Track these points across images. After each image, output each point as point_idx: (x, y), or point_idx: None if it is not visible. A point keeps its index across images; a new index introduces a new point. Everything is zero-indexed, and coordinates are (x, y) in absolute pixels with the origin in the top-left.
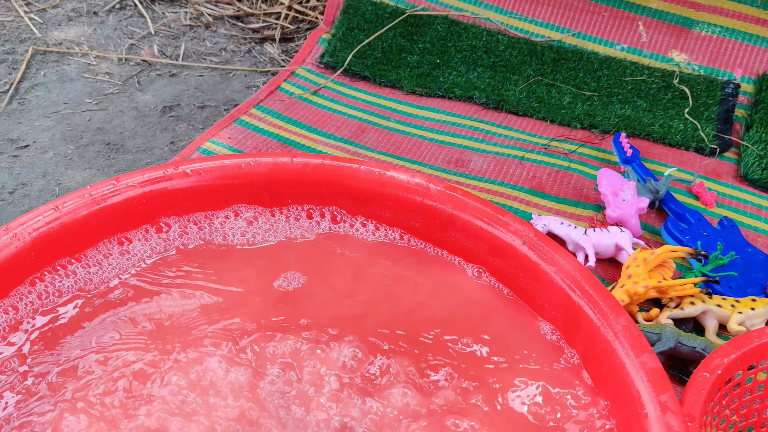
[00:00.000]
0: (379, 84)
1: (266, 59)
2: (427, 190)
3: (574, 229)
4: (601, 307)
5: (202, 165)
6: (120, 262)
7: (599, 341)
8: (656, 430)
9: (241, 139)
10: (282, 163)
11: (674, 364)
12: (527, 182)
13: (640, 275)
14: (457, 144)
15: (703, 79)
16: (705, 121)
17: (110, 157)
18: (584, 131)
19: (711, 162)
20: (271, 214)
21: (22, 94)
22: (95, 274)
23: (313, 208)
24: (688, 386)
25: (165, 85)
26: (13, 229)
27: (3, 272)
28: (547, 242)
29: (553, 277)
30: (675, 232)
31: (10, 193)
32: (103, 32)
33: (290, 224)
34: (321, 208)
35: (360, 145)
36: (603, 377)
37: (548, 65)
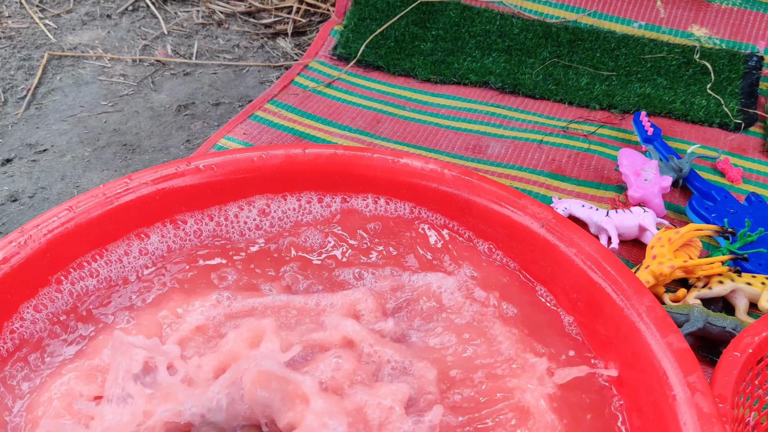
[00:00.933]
0: (393, 73)
1: (279, 54)
2: (442, 176)
3: (595, 211)
4: (624, 288)
5: (214, 160)
6: (138, 259)
7: (623, 323)
8: (685, 411)
9: (256, 135)
10: (294, 155)
11: (704, 345)
12: (547, 166)
13: (665, 255)
14: (474, 130)
15: (725, 53)
16: (728, 96)
17: (127, 158)
18: (603, 112)
19: (736, 137)
20: (284, 201)
21: (39, 99)
22: (114, 272)
23: (322, 196)
24: (718, 366)
25: (179, 84)
26: (28, 231)
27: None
28: (566, 224)
29: (574, 260)
30: (700, 210)
31: (30, 197)
32: (116, 34)
33: (303, 213)
34: (333, 196)
35: (376, 136)
36: (628, 359)
37: (564, 47)
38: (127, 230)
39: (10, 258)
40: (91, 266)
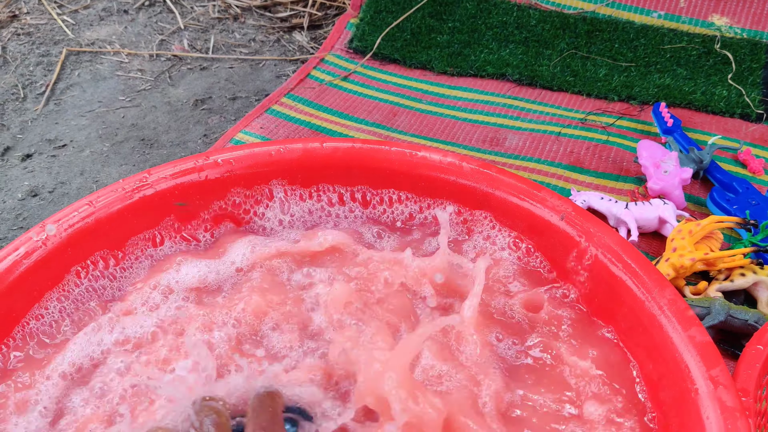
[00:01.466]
0: (410, 66)
1: (295, 47)
2: (461, 169)
3: (614, 203)
4: (645, 281)
5: (233, 154)
6: (159, 252)
7: (644, 316)
8: (708, 405)
9: (273, 129)
10: (312, 149)
11: (726, 339)
12: (565, 158)
13: (685, 248)
14: (492, 122)
15: (747, 43)
16: (750, 86)
17: (145, 153)
18: (622, 103)
19: (758, 128)
20: (301, 199)
21: (58, 95)
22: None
23: (344, 190)
24: (741, 360)
25: (196, 78)
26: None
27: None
28: (585, 217)
29: (594, 252)
30: (721, 202)
31: (50, 192)
32: (133, 30)
33: (324, 208)
34: (352, 190)
35: (392, 129)
36: (649, 353)
37: (582, 38)
38: (146, 225)
39: (32, 253)
40: (110, 260)
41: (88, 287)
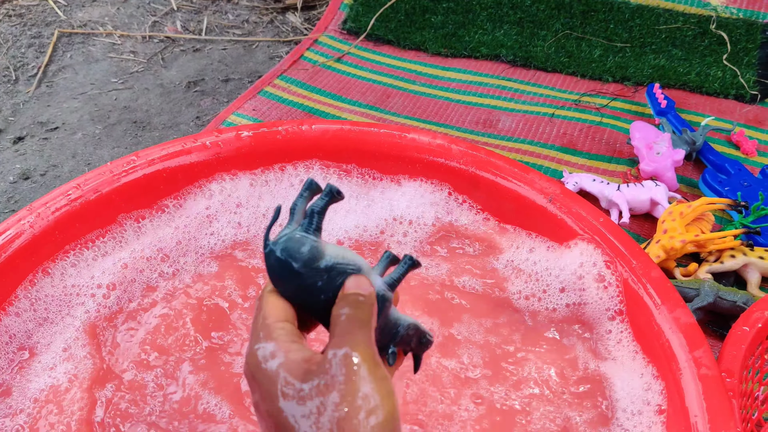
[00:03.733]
0: (404, 47)
1: (289, 29)
2: (449, 150)
3: (606, 185)
4: (631, 262)
5: (221, 137)
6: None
7: (630, 297)
8: (691, 386)
9: (266, 111)
10: (302, 131)
11: (714, 320)
12: (558, 140)
13: (676, 229)
14: (485, 104)
15: (743, 23)
16: (745, 67)
17: (137, 135)
18: (616, 84)
19: (752, 109)
20: (289, 179)
21: (50, 77)
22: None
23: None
24: (726, 341)
25: (189, 60)
26: (36, 208)
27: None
28: (573, 199)
29: (581, 234)
30: (713, 184)
31: (42, 175)
32: (126, 11)
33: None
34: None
35: (386, 111)
36: (635, 333)
37: (577, 18)
38: (133, 207)
39: (20, 235)
40: (97, 243)
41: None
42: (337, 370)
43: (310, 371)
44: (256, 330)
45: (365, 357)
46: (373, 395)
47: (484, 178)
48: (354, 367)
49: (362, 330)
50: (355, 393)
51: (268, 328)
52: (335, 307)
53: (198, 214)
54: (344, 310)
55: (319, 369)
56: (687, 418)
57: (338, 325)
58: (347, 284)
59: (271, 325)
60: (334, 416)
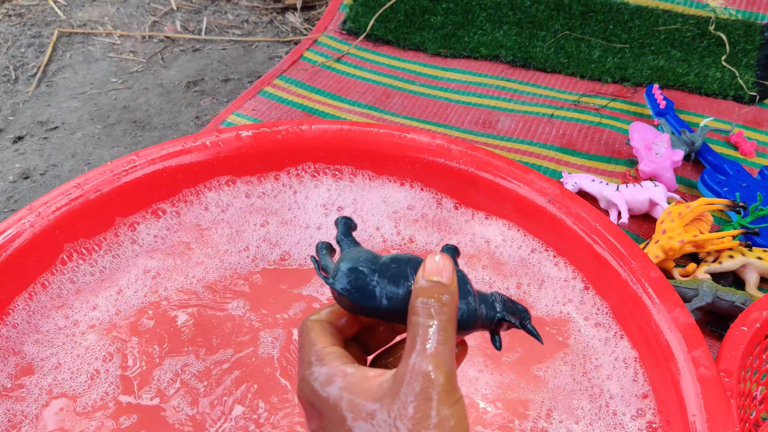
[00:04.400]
0: (403, 47)
1: (288, 29)
2: (449, 151)
3: (605, 185)
4: (630, 263)
5: (220, 137)
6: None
7: (629, 297)
8: (689, 385)
9: (265, 111)
10: (301, 131)
11: (713, 320)
12: (557, 140)
13: (675, 230)
14: (484, 105)
15: (741, 24)
16: (744, 68)
17: (137, 135)
18: (615, 85)
19: (750, 110)
20: (288, 180)
21: (50, 77)
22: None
23: (329, 169)
24: (724, 341)
25: (188, 60)
26: (36, 208)
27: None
28: (572, 199)
29: (580, 234)
30: (712, 185)
31: (41, 175)
32: (126, 11)
33: (312, 188)
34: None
35: (385, 111)
36: (633, 332)
37: (576, 19)
38: (135, 207)
39: (21, 234)
40: (98, 242)
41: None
42: (414, 388)
43: (381, 388)
44: (305, 357)
45: (447, 376)
46: (448, 419)
47: (483, 178)
48: (433, 389)
49: (446, 344)
50: (430, 416)
51: (319, 354)
52: (411, 305)
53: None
54: (422, 316)
55: (392, 387)
56: (685, 417)
57: (418, 335)
58: (427, 265)
59: (321, 350)
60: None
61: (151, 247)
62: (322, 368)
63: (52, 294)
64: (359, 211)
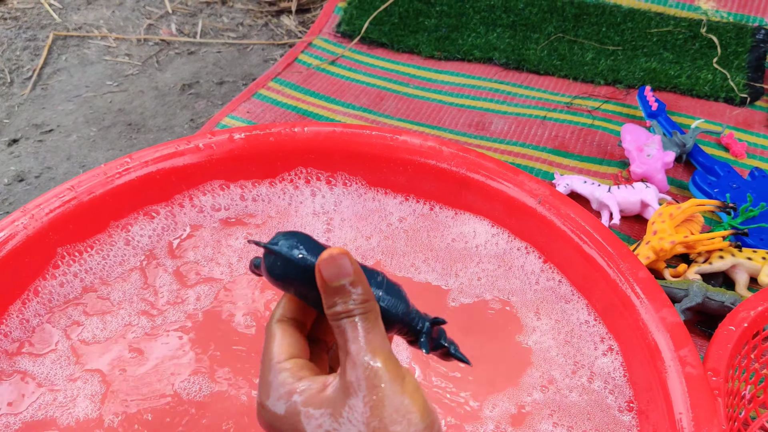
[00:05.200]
0: (397, 50)
1: (283, 32)
2: (440, 153)
3: (597, 187)
4: (619, 263)
5: (213, 139)
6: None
7: (617, 296)
8: (676, 384)
9: (260, 113)
10: (294, 133)
11: (704, 320)
12: (550, 142)
13: (666, 231)
14: (478, 107)
15: (733, 27)
16: (735, 70)
17: (132, 138)
18: (608, 87)
19: (741, 112)
20: (281, 183)
21: (45, 80)
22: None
23: (321, 174)
24: (712, 340)
25: (184, 63)
26: (30, 210)
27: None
28: (562, 200)
29: (569, 235)
30: (703, 186)
31: (36, 177)
32: (121, 14)
33: (304, 193)
34: (331, 175)
35: (379, 113)
36: (622, 332)
37: (569, 21)
38: (128, 209)
39: (14, 236)
40: (92, 244)
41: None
42: (359, 382)
43: (333, 393)
44: (263, 375)
45: (385, 358)
46: (401, 399)
47: (473, 179)
48: (376, 377)
49: (373, 331)
50: (383, 403)
51: (275, 370)
52: (327, 313)
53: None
54: (341, 318)
55: (340, 388)
56: (672, 415)
57: (345, 334)
58: (324, 273)
59: (277, 366)
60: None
61: (146, 248)
62: (278, 391)
63: (44, 298)
64: (349, 219)
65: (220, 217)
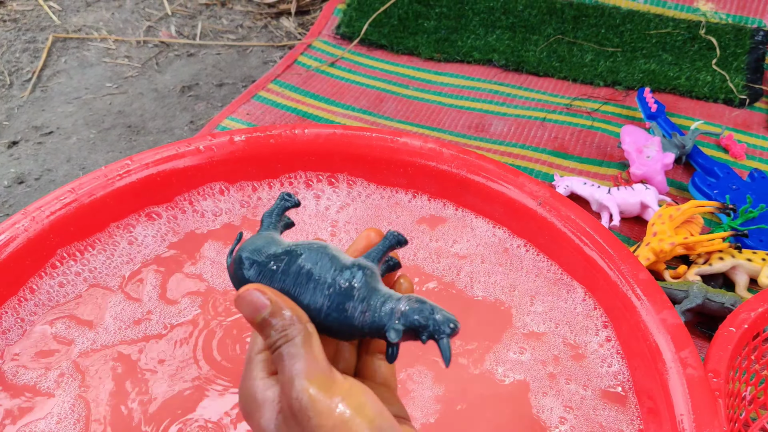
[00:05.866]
0: (397, 52)
1: (283, 33)
2: (440, 154)
3: (597, 188)
4: (620, 265)
5: (214, 141)
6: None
7: (618, 298)
8: (677, 385)
9: (260, 115)
10: (295, 135)
11: (703, 321)
12: (549, 143)
13: (665, 232)
14: (477, 108)
15: (731, 28)
16: (734, 72)
17: (132, 140)
18: (607, 88)
19: (740, 113)
20: (281, 185)
21: (45, 82)
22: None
23: (322, 176)
24: (713, 342)
25: (183, 65)
26: (31, 212)
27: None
28: (563, 202)
29: (570, 237)
30: (703, 187)
31: (36, 180)
32: (121, 16)
33: (306, 196)
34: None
35: (379, 115)
36: (623, 333)
37: (569, 23)
38: (128, 211)
39: (15, 238)
40: (93, 245)
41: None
42: (295, 413)
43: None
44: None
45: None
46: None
47: (473, 181)
48: (307, 404)
49: (302, 358)
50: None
51: (250, 361)
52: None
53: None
54: (272, 349)
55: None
56: (673, 416)
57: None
58: (243, 310)
59: (254, 357)
60: None
61: (146, 249)
62: (246, 382)
63: (42, 298)
64: (352, 221)
65: (220, 220)
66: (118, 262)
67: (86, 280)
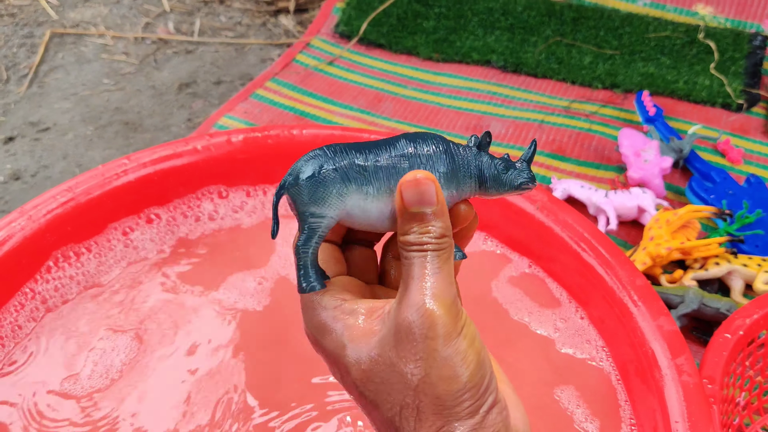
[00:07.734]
0: (395, 51)
1: (281, 31)
2: None
3: (594, 191)
4: (617, 271)
5: (212, 141)
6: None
7: (615, 304)
8: (672, 392)
9: (257, 114)
10: (293, 135)
11: (699, 327)
12: (547, 146)
13: (662, 237)
14: (476, 109)
15: (730, 32)
16: (732, 76)
17: (128, 137)
18: (606, 91)
19: (738, 118)
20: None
21: (42, 78)
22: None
23: None
24: (708, 348)
25: (181, 62)
26: (28, 211)
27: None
28: (560, 206)
29: (567, 242)
30: (699, 192)
31: (32, 176)
32: (118, 12)
33: None
34: None
35: (377, 115)
36: (619, 339)
37: (568, 25)
38: (125, 211)
39: (12, 236)
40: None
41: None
42: (414, 327)
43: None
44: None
45: (447, 308)
46: (456, 348)
47: None
48: (433, 326)
49: (440, 274)
50: (435, 354)
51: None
52: (398, 239)
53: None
54: (412, 250)
55: (391, 330)
56: (668, 423)
57: (410, 271)
58: (405, 194)
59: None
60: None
61: (143, 251)
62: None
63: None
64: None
65: (219, 221)
66: (115, 262)
67: (80, 282)
